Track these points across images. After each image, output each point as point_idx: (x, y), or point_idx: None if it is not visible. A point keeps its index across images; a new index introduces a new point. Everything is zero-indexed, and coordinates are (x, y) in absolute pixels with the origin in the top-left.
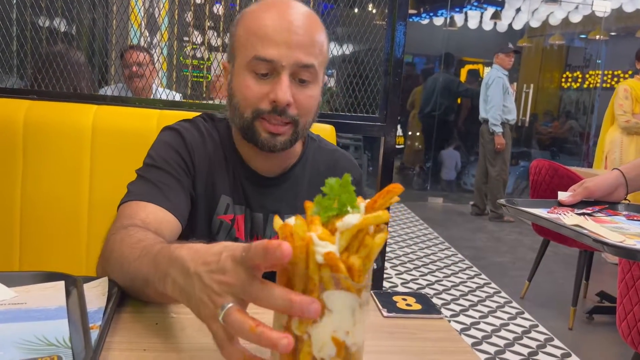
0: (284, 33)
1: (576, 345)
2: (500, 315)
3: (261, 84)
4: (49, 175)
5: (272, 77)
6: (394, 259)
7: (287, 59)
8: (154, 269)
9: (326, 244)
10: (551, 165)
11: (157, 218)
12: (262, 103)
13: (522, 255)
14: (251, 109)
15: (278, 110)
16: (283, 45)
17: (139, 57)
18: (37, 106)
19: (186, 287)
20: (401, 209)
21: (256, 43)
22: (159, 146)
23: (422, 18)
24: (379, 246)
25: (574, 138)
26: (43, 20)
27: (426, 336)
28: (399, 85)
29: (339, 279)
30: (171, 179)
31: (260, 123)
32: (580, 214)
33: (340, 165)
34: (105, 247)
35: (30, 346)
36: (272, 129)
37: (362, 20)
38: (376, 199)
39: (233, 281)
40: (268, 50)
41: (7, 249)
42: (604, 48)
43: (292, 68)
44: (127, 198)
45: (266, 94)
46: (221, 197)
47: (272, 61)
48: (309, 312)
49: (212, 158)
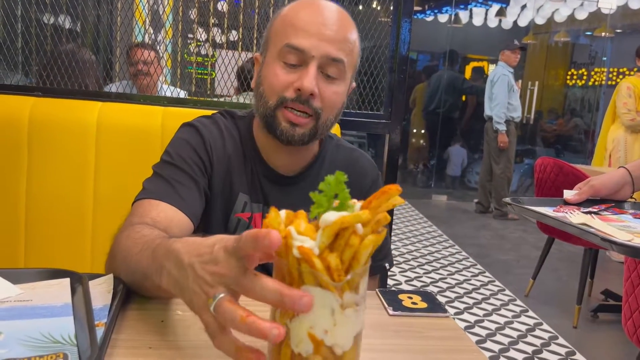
0: (318, 25)
1: (581, 343)
2: (504, 313)
3: (289, 73)
4: (53, 172)
5: (301, 68)
6: (398, 257)
7: (317, 50)
8: (151, 262)
9: (305, 239)
10: (556, 162)
11: (167, 216)
12: (287, 91)
13: (526, 253)
14: (276, 97)
15: (302, 98)
16: (315, 37)
17: (143, 55)
18: (42, 103)
19: (180, 278)
20: (405, 206)
21: (290, 32)
22: (177, 143)
23: (426, 15)
24: (365, 248)
25: (579, 136)
26: (48, 17)
27: (432, 334)
28: (404, 83)
29: (317, 275)
30: (186, 178)
31: (282, 112)
32: (587, 213)
33: (360, 165)
34: (114, 244)
35: (36, 343)
36: (292, 119)
37: (367, 17)
38: (371, 199)
39: (225, 272)
40: (300, 40)
41: (13, 245)
42: (609, 45)
43: (321, 60)
44: (141, 195)
45: (292, 82)
46: (239, 195)
47: (303, 50)
48: (300, 306)
49: (230, 156)
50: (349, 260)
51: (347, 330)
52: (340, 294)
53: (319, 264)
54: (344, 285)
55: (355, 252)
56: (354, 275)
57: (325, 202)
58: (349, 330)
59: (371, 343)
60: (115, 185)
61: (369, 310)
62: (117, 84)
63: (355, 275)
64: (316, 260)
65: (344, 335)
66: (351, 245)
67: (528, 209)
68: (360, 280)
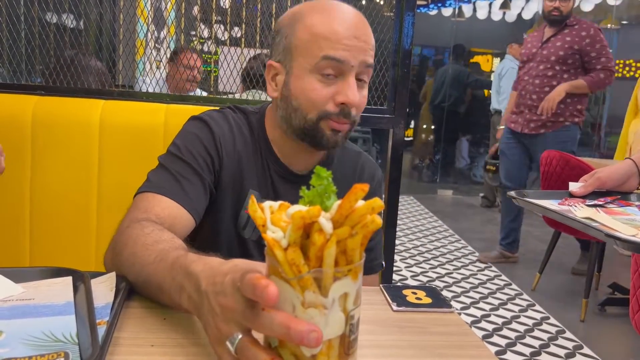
0: (352, 34)
1: (588, 337)
2: (511, 307)
3: (327, 86)
4: (57, 170)
5: (338, 79)
6: (404, 252)
7: (356, 60)
8: (170, 279)
9: (276, 230)
10: (562, 156)
11: (171, 214)
12: (328, 105)
13: (532, 247)
14: (317, 111)
15: (345, 112)
16: (353, 48)
17: (194, 60)
18: (45, 102)
19: (198, 303)
20: (410, 201)
21: (325, 45)
22: (186, 136)
23: (430, 9)
24: (328, 249)
25: (585, 128)
26: (50, 16)
27: (436, 330)
28: (407, 77)
29: (277, 266)
30: (192, 174)
31: (327, 123)
32: (592, 206)
33: (366, 167)
34: (118, 238)
35: (37, 342)
36: (337, 127)
37: (370, 11)
38: (343, 201)
39: (233, 305)
40: (339, 52)
41: (18, 244)
42: (615, 37)
43: (360, 68)
44: (145, 188)
45: (332, 96)
46: (249, 191)
47: (343, 62)
48: (308, 341)
49: (240, 151)
50: (314, 258)
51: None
52: (301, 291)
53: (281, 256)
54: (305, 283)
55: (319, 252)
56: (314, 274)
57: (311, 196)
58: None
59: (375, 339)
60: (118, 183)
61: (373, 306)
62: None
63: (317, 275)
64: (278, 252)
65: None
66: (313, 242)
67: (532, 202)
68: (329, 284)
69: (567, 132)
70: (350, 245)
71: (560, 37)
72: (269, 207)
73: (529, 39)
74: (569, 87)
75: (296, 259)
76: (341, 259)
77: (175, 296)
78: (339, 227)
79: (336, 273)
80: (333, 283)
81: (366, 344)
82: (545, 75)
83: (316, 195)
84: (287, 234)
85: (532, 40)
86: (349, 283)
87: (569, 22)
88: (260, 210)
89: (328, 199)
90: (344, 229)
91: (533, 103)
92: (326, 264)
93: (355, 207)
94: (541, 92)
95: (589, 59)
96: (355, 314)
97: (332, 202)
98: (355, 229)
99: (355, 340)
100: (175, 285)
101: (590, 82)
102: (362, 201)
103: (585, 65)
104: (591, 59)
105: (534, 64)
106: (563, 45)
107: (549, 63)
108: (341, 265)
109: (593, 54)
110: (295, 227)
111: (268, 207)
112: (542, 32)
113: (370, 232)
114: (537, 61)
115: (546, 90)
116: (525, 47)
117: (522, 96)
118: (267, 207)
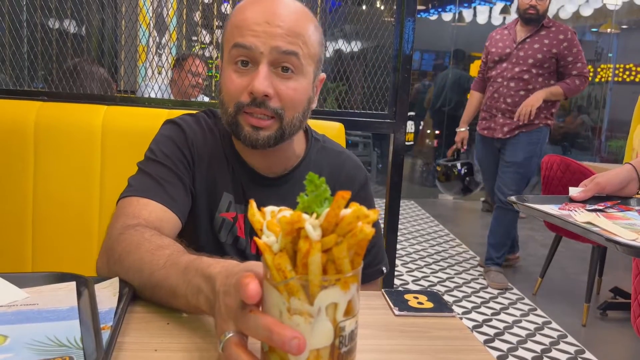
0: (264, 22)
1: (590, 341)
2: (512, 312)
3: (242, 76)
4: (60, 176)
5: (252, 69)
6: (405, 256)
7: (265, 46)
8: (184, 283)
9: (270, 235)
10: (563, 160)
11: (158, 217)
12: (242, 96)
13: (533, 251)
14: (233, 103)
15: (257, 101)
16: (262, 33)
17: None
18: (48, 107)
19: (213, 303)
20: (411, 205)
21: (236, 33)
22: (161, 140)
23: (430, 14)
24: (311, 256)
25: (586, 133)
26: (53, 22)
27: (438, 334)
28: (408, 82)
29: (265, 270)
30: (172, 175)
31: (244, 117)
32: (592, 211)
33: (346, 169)
34: (114, 245)
35: (42, 347)
36: (254, 122)
37: (371, 17)
38: (329, 210)
39: (232, 305)
40: (246, 38)
41: (20, 250)
42: (615, 41)
43: (271, 55)
44: (128, 193)
45: (246, 85)
46: (223, 194)
47: (250, 48)
48: (289, 347)
49: (213, 154)
50: (301, 265)
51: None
52: (288, 297)
53: (270, 260)
54: (292, 289)
55: (305, 259)
56: (299, 280)
57: (306, 203)
58: (309, 340)
59: (377, 343)
60: (121, 188)
61: (374, 311)
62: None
63: (303, 282)
64: (268, 256)
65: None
66: (299, 249)
67: (533, 207)
68: (315, 292)
69: (539, 134)
70: (336, 253)
71: (537, 39)
72: (270, 212)
73: (498, 36)
74: (546, 94)
75: (282, 264)
76: (330, 267)
77: (192, 299)
78: (328, 234)
79: (322, 281)
80: (319, 292)
81: (368, 348)
82: (521, 78)
83: (312, 201)
84: (279, 239)
85: (502, 38)
86: (338, 293)
87: (545, 23)
88: (259, 214)
89: (319, 206)
90: (330, 237)
91: (507, 107)
92: (311, 271)
93: (343, 216)
94: (516, 95)
95: (565, 64)
96: (346, 325)
97: (323, 208)
98: (346, 237)
99: (348, 353)
100: (192, 287)
101: (566, 89)
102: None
103: (560, 69)
104: (567, 63)
105: (507, 65)
106: (541, 48)
107: (525, 65)
108: (330, 274)
109: (570, 59)
110: (284, 233)
111: (269, 212)
112: (514, 30)
113: (360, 242)
114: (513, 62)
115: (521, 94)
116: (495, 45)
117: (494, 99)
118: (269, 211)
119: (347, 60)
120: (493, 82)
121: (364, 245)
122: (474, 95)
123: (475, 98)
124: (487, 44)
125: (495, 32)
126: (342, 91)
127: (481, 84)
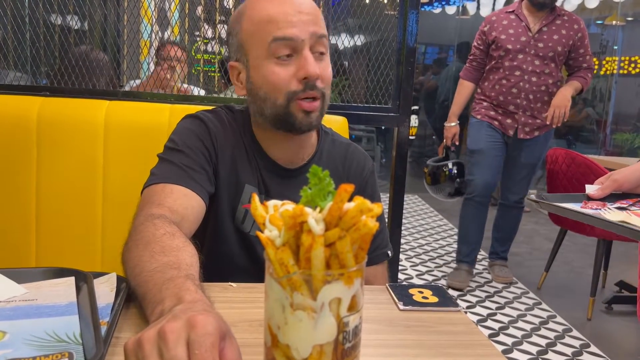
0: (296, 12)
1: (595, 335)
2: (517, 306)
3: (285, 67)
4: (62, 171)
5: (294, 57)
6: (409, 251)
7: (305, 34)
8: (156, 291)
9: (272, 229)
10: (568, 153)
11: (183, 204)
12: (292, 84)
13: (538, 245)
14: (283, 94)
15: (310, 85)
16: (298, 22)
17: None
18: (50, 103)
19: (158, 317)
20: (416, 200)
21: (271, 28)
22: (182, 132)
23: (434, 7)
24: (314, 250)
25: (591, 126)
26: (55, 17)
27: (443, 329)
28: (412, 75)
29: (268, 265)
30: (194, 163)
31: (296, 104)
32: (619, 209)
33: (354, 158)
34: (132, 234)
35: (41, 342)
36: (306, 107)
37: (374, 10)
38: (333, 203)
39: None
40: (285, 30)
41: (24, 244)
42: (620, 34)
43: (312, 40)
44: (152, 181)
45: (293, 74)
46: (245, 186)
47: (292, 38)
48: None
49: (234, 147)
50: (304, 259)
51: (299, 334)
52: (290, 292)
53: (272, 254)
54: (295, 283)
55: (308, 253)
56: (302, 275)
57: (310, 196)
58: (303, 335)
59: (382, 338)
60: (124, 183)
61: (379, 305)
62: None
63: (306, 276)
64: (270, 250)
65: (296, 338)
66: (302, 243)
67: (559, 206)
68: (318, 287)
69: (551, 133)
70: (339, 248)
71: (555, 29)
72: (273, 205)
73: (505, 22)
74: (573, 91)
75: (284, 259)
76: (334, 262)
77: (150, 306)
78: (332, 228)
79: (325, 276)
80: (323, 286)
81: (372, 343)
82: (543, 72)
83: (315, 195)
84: (281, 233)
85: (512, 24)
86: (341, 288)
87: (558, 10)
88: (263, 208)
89: (323, 200)
90: (334, 231)
91: (530, 104)
92: (314, 265)
93: (346, 209)
94: (537, 91)
95: (577, 56)
96: (349, 320)
97: (326, 202)
98: (350, 231)
99: (352, 348)
100: (159, 298)
101: (584, 84)
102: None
103: (569, 61)
104: (579, 55)
105: (526, 57)
106: (560, 40)
107: (546, 59)
108: (333, 269)
109: (581, 51)
110: (287, 227)
111: (272, 206)
112: (523, 16)
113: (364, 236)
114: (532, 54)
115: (542, 89)
116: (505, 31)
117: (511, 94)
118: (272, 205)
119: (351, 53)
120: (509, 75)
121: (368, 239)
122: (465, 85)
123: (466, 88)
124: (488, 29)
125: (497, 16)
126: (346, 85)
127: (474, 73)
